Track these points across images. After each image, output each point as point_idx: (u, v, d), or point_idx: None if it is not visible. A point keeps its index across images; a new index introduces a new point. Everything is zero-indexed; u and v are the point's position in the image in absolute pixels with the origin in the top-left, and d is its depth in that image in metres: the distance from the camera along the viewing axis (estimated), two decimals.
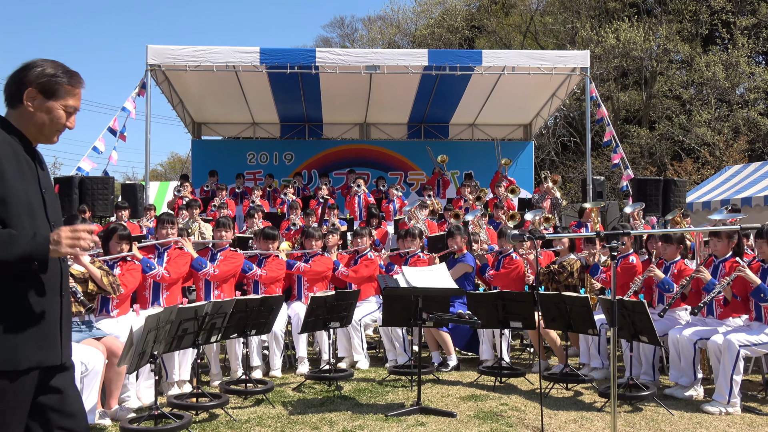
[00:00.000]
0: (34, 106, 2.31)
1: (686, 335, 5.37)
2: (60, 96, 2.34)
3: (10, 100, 2.33)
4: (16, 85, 2.31)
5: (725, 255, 5.64)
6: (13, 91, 2.32)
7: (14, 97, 2.31)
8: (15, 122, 2.32)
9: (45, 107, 2.32)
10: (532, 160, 15.66)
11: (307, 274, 6.80)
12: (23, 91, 2.30)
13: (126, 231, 5.52)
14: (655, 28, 23.99)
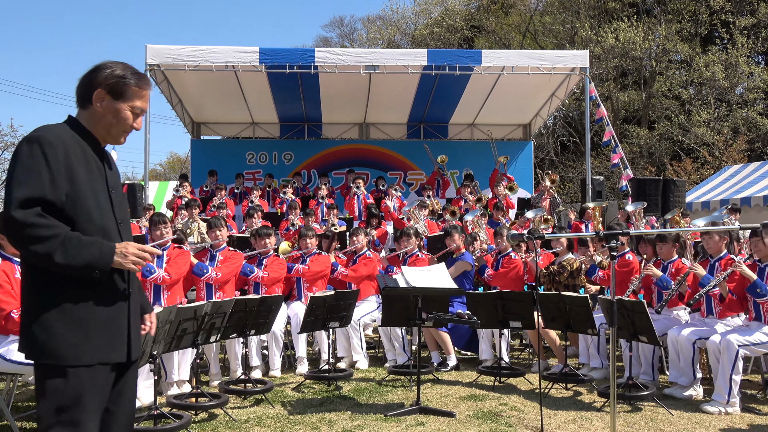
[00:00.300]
0: (103, 107, 2.36)
1: (685, 335, 5.38)
2: (128, 97, 2.38)
3: (81, 101, 2.39)
4: (85, 86, 2.36)
5: (719, 253, 5.66)
6: (83, 92, 2.37)
7: (84, 98, 2.37)
8: (85, 123, 2.38)
9: (113, 108, 2.37)
10: (531, 160, 15.66)
11: (306, 275, 6.80)
12: (92, 92, 2.35)
13: None
14: (654, 28, 24.00)
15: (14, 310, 4.00)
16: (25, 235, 2.14)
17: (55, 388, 2.20)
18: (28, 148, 2.19)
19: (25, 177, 2.16)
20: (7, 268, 4.14)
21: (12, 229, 2.15)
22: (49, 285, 2.22)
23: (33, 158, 2.17)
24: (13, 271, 4.16)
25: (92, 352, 2.24)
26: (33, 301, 2.24)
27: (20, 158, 2.18)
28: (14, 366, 4.08)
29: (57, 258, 2.15)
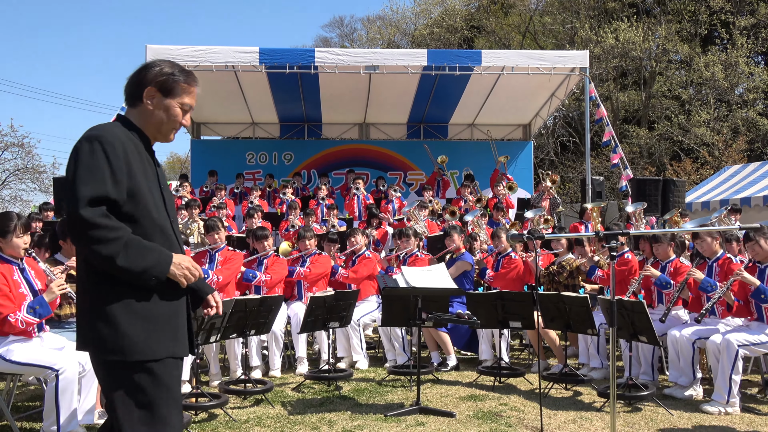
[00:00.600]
0: (153, 105, 2.38)
1: (685, 335, 5.38)
2: (177, 94, 2.42)
3: (131, 100, 2.41)
4: (135, 84, 2.38)
5: (714, 255, 5.66)
6: (133, 90, 2.39)
7: (134, 97, 2.39)
8: (135, 121, 2.40)
9: (163, 105, 2.40)
10: (531, 161, 15.66)
11: (308, 278, 6.80)
12: (143, 90, 2.37)
13: None
14: (654, 28, 23.99)
15: (11, 314, 3.99)
16: (90, 235, 2.13)
17: (135, 386, 2.21)
18: (89, 147, 2.19)
19: (89, 176, 2.15)
20: (6, 269, 4.12)
21: (77, 228, 2.15)
22: (117, 281, 2.21)
23: (94, 157, 2.17)
24: (11, 273, 4.13)
25: (160, 347, 2.25)
26: (99, 297, 2.22)
27: (81, 157, 2.18)
28: (14, 366, 4.07)
29: (119, 261, 2.16)
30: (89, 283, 2.26)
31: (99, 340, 2.21)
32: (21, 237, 4.18)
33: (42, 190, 27.00)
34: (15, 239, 4.15)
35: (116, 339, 2.20)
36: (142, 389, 2.21)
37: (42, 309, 4.12)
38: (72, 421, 4.03)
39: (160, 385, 2.24)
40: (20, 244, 4.18)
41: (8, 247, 4.17)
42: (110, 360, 2.21)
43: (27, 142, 26.45)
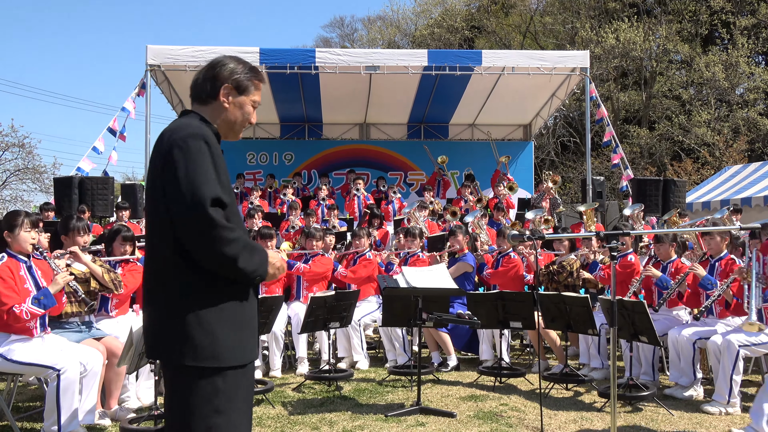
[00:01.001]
0: (230, 102, 2.37)
1: (686, 335, 5.38)
2: (249, 92, 2.42)
3: (203, 97, 2.37)
4: (210, 81, 2.36)
5: (720, 254, 5.66)
6: (207, 87, 2.36)
7: (209, 94, 2.36)
8: (208, 118, 2.37)
9: (238, 103, 2.39)
10: (531, 161, 15.66)
11: (306, 275, 6.80)
12: (219, 88, 2.35)
13: (130, 233, 5.51)
14: (654, 29, 23.99)
15: (16, 305, 4.01)
16: (214, 235, 2.09)
17: (214, 391, 2.15)
18: (197, 145, 2.15)
19: (204, 177, 2.11)
20: (13, 265, 4.17)
21: (201, 228, 2.09)
22: (209, 287, 2.17)
23: (203, 156, 2.14)
24: (18, 269, 4.18)
25: (246, 352, 2.24)
26: (192, 304, 2.16)
27: (193, 156, 2.13)
28: (15, 366, 4.08)
29: (240, 262, 2.14)
30: (182, 289, 2.17)
31: (192, 346, 2.13)
32: (29, 232, 4.22)
33: (42, 191, 27.05)
34: (22, 233, 4.20)
35: (212, 345, 2.14)
36: (225, 395, 2.17)
37: (47, 300, 4.13)
38: (73, 421, 4.03)
39: (239, 390, 2.22)
40: (27, 238, 4.22)
41: (16, 242, 4.22)
42: (199, 366, 2.14)
43: (27, 142, 26.53)
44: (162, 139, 2.23)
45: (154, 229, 2.24)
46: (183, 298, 2.16)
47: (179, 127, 2.23)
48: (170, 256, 2.18)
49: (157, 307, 2.22)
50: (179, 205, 2.11)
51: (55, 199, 10.41)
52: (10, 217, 4.25)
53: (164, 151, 2.17)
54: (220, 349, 2.15)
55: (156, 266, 2.24)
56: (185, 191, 2.09)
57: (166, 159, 2.16)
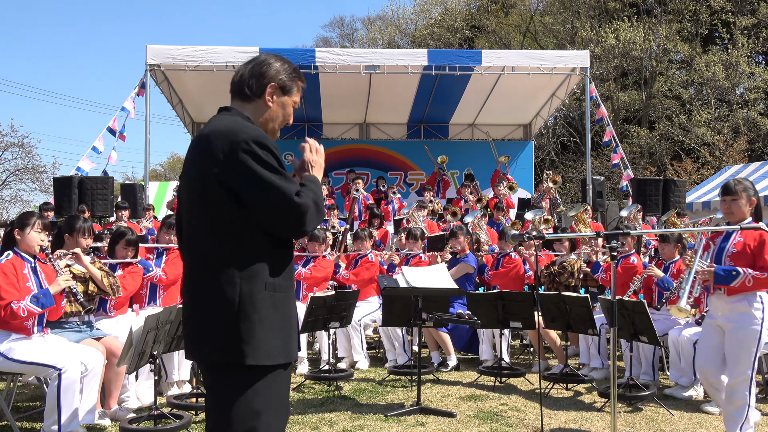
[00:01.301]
0: (274, 101, 2.38)
1: (686, 335, 5.37)
2: (292, 92, 2.43)
3: (247, 95, 2.37)
4: (256, 79, 2.36)
5: None
6: (252, 85, 2.36)
7: (253, 92, 2.36)
8: (251, 116, 2.37)
9: (281, 102, 2.40)
10: (531, 160, 15.65)
11: (308, 281, 6.79)
12: (265, 86, 2.36)
13: (134, 236, 5.49)
14: (654, 28, 23.99)
15: (14, 301, 4.01)
16: (306, 221, 2.21)
17: (258, 389, 2.17)
18: (262, 149, 2.18)
19: (281, 175, 2.19)
20: (17, 263, 4.20)
21: (298, 219, 2.19)
22: (255, 286, 2.19)
23: (269, 156, 2.18)
24: (22, 267, 4.20)
25: (289, 350, 2.25)
26: (238, 303, 2.16)
27: (262, 158, 2.17)
28: (16, 365, 4.08)
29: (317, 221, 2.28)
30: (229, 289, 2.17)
31: (237, 345, 2.14)
32: (39, 233, 4.26)
33: (42, 190, 27.03)
34: (32, 233, 4.24)
35: (257, 344, 2.15)
36: (268, 393, 2.19)
37: (45, 299, 4.13)
38: (73, 420, 4.03)
39: (282, 389, 2.25)
40: (36, 239, 4.25)
41: (24, 241, 4.25)
42: (245, 365, 2.14)
43: (27, 142, 26.51)
44: (212, 141, 2.21)
45: (201, 229, 2.23)
46: (228, 298, 2.16)
47: (234, 129, 2.21)
48: (216, 256, 2.19)
49: (200, 306, 2.22)
50: (270, 208, 2.18)
51: (54, 199, 10.41)
52: (24, 216, 4.36)
53: (222, 155, 2.16)
54: (266, 348, 2.17)
55: (199, 266, 2.24)
56: (274, 195, 2.16)
57: (231, 164, 2.16)
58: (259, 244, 2.21)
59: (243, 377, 2.15)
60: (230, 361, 2.14)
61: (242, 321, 2.15)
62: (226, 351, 2.14)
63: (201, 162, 2.21)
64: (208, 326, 2.18)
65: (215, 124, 2.27)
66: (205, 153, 2.20)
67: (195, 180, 2.23)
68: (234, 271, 2.17)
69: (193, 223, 2.27)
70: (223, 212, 2.17)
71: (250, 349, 2.14)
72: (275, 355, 2.19)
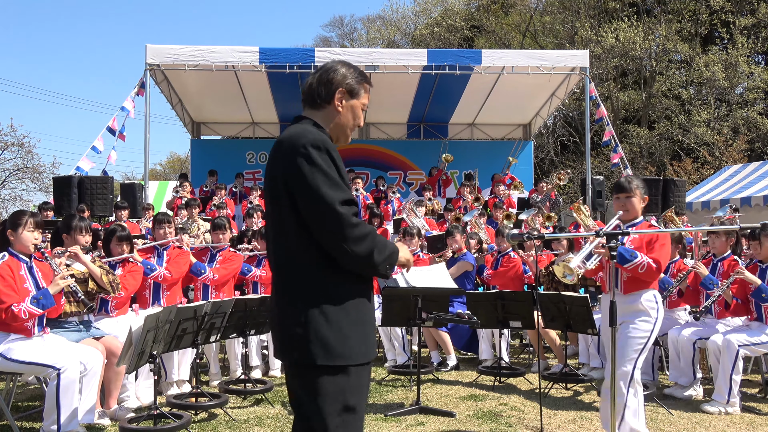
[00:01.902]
0: (344, 106, 2.42)
1: (685, 335, 5.38)
2: (360, 95, 2.46)
3: (317, 102, 2.41)
4: (324, 86, 2.40)
5: (724, 253, 5.65)
6: (321, 92, 2.40)
7: (323, 99, 2.40)
8: (321, 123, 2.40)
9: (350, 106, 2.43)
10: (531, 160, 15.66)
11: None
12: (334, 92, 2.39)
13: (125, 232, 5.50)
14: (654, 28, 23.99)
15: (14, 304, 4.01)
16: (348, 234, 2.18)
17: (343, 388, 2.22)
18: (318, 153, 2.20)
19: (329, 181, 2.19)
20: (13, 264, 4.18)
21: (335, 227, 2.18)
22: (338, 287, 2.24)
23: (327, 163, 2.20)
24: (18, 268, 4.19)
25: (369, 349, 2.30)
26: (322, 304, 2.22)
27: (317, 163, 2.19)
28: (15, 365, 4.08)
29: (376, 257, 2.22)
30: (311, 289, 2.24)
31: (324, 345, 2.19)
32: (32, 232, 4.24)
33: (42, 190, 27.03)
34: (25, 233, 4.22)
35: (342, 343, 2.21)
36: (352, 391, 2.24)
37: (45, 300, 4.13)
38: (72, 420, 4.03)
39: (363, 387, 2.29)
40: (30, 239, 4.23)
41: (18, 241, 4.22)
42: (330, 365, 2.20)
43: (27, 141, 26.49)
44: (281, 147, 2.28)
45: (281, 232, 2.29)
46: (313, 299, 2.22)
47: (298, 134, 2.27)
48: (298, 258, 2.25)
49: (286, 308, 2.27)
50: (312, 212, 2.20)
51: (54, 199, 10.40)
52: (16, 216, 4.30)
53: (287, 159, 2.23)
54: (350, 347, 2.22)
55: (284, 268, 2.30)
56: (316, 198, 2.18)
57: (290, 167, 2.22)
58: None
59: (330, 377, 2.21)
60: (316, 363, 2.20)
61: (326, 323, 2.20)
62: (312, 353, 2.20)
63: (274, 168, 2.30)
64: (294, 329, 2.24)
65: (287, 132, 2.34)
66: (276, 160, 2.28)
67: (269, 186, 2.32)
68: (315, 274, 2.24)
69: (271, 228, 2.35)
70: (291, 217, 2.24)
71: (324, 351, 2.19)
72: (359, 354, 2.24)
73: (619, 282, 3.89)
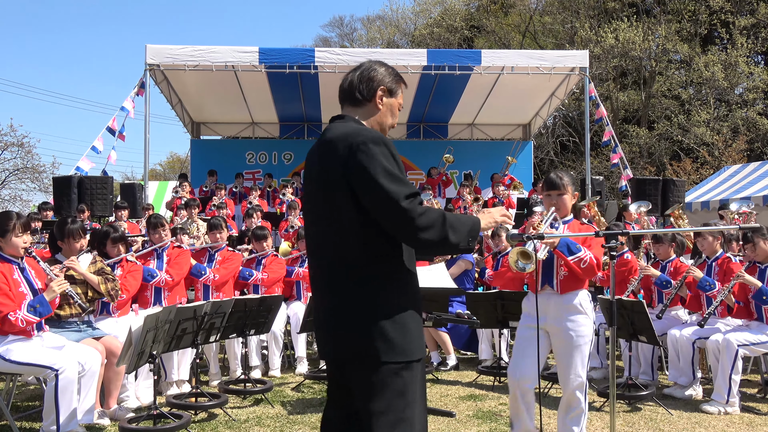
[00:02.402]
0: (384, 104, 2.45)
1: (685, 335, 5.38)
2: (397, 94, 2.50)
3: (359, 99, 2.43)
4: (366, 84, 2.42)
5: (714, 254, 5.66)
6: (362, 89, 2.42)
7: (364, 96, 2.42)
8: (363, 120, 2.42)
9: (389, 104, 2.47)
10: (531, 160, 15.67)
11: (306, 279, 6.79)
12: (376, 89, 2.42)
13: (118, 233, 5.47)
14: (654, 28, 23.99)
15: (11, 313, 3.99)
16: (418, 224, 2.19)
17: (405, 384, 2.22)
18: (379, 149, 2.22)
19: (391, 176, 2.20)
20: (5, 269, 4.12)
21: (404, 222, 2.19)
22: (393, 282, 2.27)
23: (388, 159, 2.22)
24: (11, 272, 4.14)
25: (422, 345, 2.32)
26: (381, 300, 2.23)
27: (378, 159, 2.20)
28: (14, 366, 4.07)
29: (452, 239, 2.25)
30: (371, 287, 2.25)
31: (387, 342, 2.20)
32: (20, 236, 4.16)
33: (41, 190, 27.04)
34: (14, 238, 4.14)
35: (403, 339, 2.22)
36: (412, 386, 2.25)
37: (42, 308, 4.12)
38: (72, 420, 4.03)
39: (421, 381, 2.30)
40: (19, 243, 4.16)
41: (8, 246, 4.16)
42: (393, 362, 2.21)
43: (26, 141, 26.50)
44: (334, 146, 2.27)
45: (338, 231, 2.28)
46: (374, 295, 2.24)
47: (354, 132, 2.27)
48: (358, 255, 2.25)
49: (342, 305, 2.27)
50: (380, 209, 2.21)
51: (54, 199, 10.40)
52: (1, 221, 4.14)
53: (346, 158, 2.22)
54: (410, 342, 2.24)
55: (331, 270, 2.30)
56: (383, 196, 2.18)
57: (351, 165, 2.21)
58: (385, 244, 2.27)
59: (380, 374, 2.20)
60: (366, 360, 2.21)
61: (379, 321, 2.21)
62: (360, 350, 2.22)
63: (326, 167, 2.28)
64: (346, 328, 2.24)
65: (335, 130, 2.33)
66: (330, 157, 2.27)
67: (321, 185, 2.31)
68: (366, 272, 2.26)
69: (322, 229, 2.33)
70: (350, 214, 2.24)
71: (382, 346, 2.19)
72: (418, 349, 2.26)
73: (555, 281, 3.73)
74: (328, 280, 2.31)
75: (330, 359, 2.38)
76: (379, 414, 2.20)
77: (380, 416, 2.20)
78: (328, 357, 2.37)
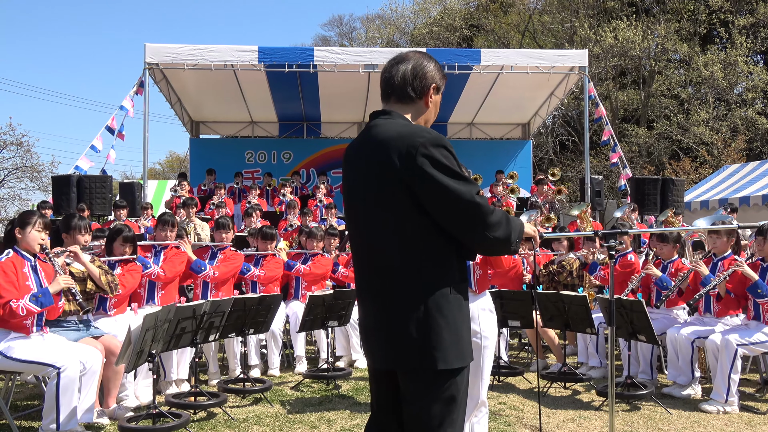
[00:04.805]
0: (432, 102, 2.37)
1: (684, 334, 5.38)
2: (441, 91, 2.42)
3: (411, 96, 2.33)
4: (420, 80, 2.32)
5: (724, 253, 5.65)
6: (415, 85, 2.32)
7: (416, 92, 2.32)
8: (411, 118, 2.33)
9: (435, 102, 2.39)
10: (530, 160, 15.67)
11: (306, 277, 6.78)
12: (429, 87, 2.34)
13: (131, 233, 5.49)
14: (653, 28, 24.00)
15: (13, 300, 4.01)
16: (489, 222, 2.16)
17: (457, 389, 2.20)
18: (441, 152, 2.16)
19: (459, 177, 2.16)
20: (17, 261, 4.19)
21: (478, 220, 2.15)
22: (446, 287, 2.19)
23: (449, 160, 2.17)
24: (22, 266, 4.20)
25: (471, 351, 2.27)
26: (428, 308, 2.16)
27: (441, 162, 2.14)
28: (15, 363, 4.07)
29: (513, 237, 2.22)
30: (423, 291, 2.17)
31: (443, 349, 2.14)
32: (39, 232, 4.28)
33: (41, 189, 27.00)
34: (33, 232, 4.26)
35: (458, 345, 2.18)
36: (463, 391, 2.22)
37: (44, 298, 4.13)
38: (72, 419, 4.03)
39: (466, 386, 2.27)
40: (36, 238, 4.27)
41: (25, 240, 4.26)
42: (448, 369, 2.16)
43: (26, 140, 26.46)
44: (386, 147, 2.17)
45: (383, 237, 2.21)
46: (417, 305, 2.16)
47: (410, 133, 2.18)
48: (402, 263, 2.18)
49: (389, 315, 2.20)
50: (451, 211, 2.15)
51: (53, 198, 10.39)
52: (25, 215, 4.37)
53: (404, 160, 2.14)
54: (462, 348, 2.20)
55: (383, 274, 2.22)
56: (454, 198, 2.13)
57: (412, 169, 2.13)
58: (441, 248, 2.19)
59: (436, 381, 2.17)
60: (423, 367, 2.15)
61: (432, 327, 2.14)
62: (418, 357, 2.15)
63: (379, 169, 2.18)
64: (398, 334, 2.17)
65: (386, 130, 2.22)
66: (384, 159, 2.17)
67: (372, 188, 2.21)
68: (420, 277, 2.17)
69: (373, 232, 2.24)
70: (405, 218, 2.16)
71: (440, 354, 2.14)
72: (463, 357, 2.20)
73: (473, 280, 3.59)
74: (381, 286, 2.22)
75: (382, 367, 2.29)
76: (431, 418, 2.17)
77: (432, 420, 2.17)
78: (381, 364, 2.27)
